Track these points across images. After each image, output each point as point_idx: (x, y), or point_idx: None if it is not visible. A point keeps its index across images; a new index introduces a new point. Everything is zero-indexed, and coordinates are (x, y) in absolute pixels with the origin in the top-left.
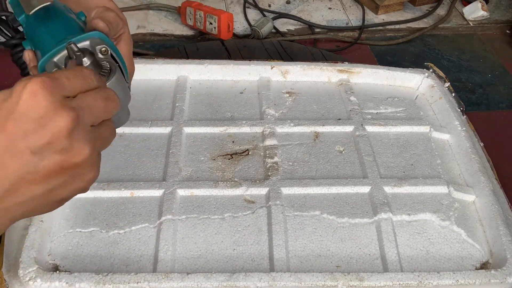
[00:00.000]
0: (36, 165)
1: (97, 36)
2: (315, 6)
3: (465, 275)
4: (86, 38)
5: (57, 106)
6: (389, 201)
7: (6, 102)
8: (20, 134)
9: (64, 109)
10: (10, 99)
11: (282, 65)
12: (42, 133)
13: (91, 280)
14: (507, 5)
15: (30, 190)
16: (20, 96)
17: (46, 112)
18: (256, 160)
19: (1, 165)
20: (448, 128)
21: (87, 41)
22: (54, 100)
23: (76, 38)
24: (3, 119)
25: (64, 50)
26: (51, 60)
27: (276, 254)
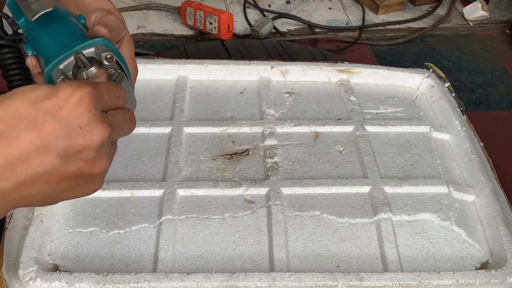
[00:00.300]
0: (57, 168)
1: (102, 42)
2: (315, 6)
3: (465, 275)
4: (91, 45)
5: (97, 120)
6: (389, 201)
7: (47, 101)
8: (54, 136)
9: (102, 124)
10: (53, 100)
11: (282, 65)
12: (76, 141)
13: (91, 280)
14: (507, 5)
15: (41, 188)
16: (65, 102)
17: (87, 123)
18: (256, 160)
19: (24, 159)
20: (448, 128)
21: (92, 48)
22: (96, 113)
23: (81, 46)
24: (40, 117)
25: (70, 58)
26: (57, 68)
27: (276, 254)
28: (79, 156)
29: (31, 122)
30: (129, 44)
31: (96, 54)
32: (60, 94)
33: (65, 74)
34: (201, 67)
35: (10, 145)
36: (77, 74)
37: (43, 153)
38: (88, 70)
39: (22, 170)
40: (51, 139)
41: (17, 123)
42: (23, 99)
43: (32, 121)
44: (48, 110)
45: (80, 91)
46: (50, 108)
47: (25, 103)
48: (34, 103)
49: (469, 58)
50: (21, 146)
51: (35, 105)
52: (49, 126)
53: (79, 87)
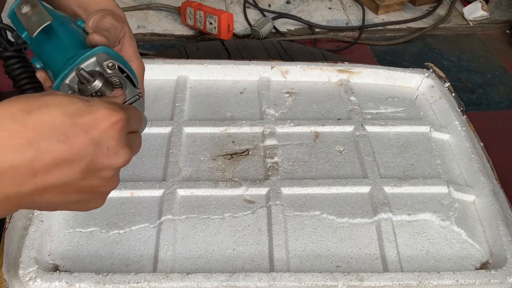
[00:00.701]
0: (76, 182)
1: (102, 51)
2: (315, 6)
3: (465, 275)
4: (91, 56)
5: (124, 144)
6: (389, 201)
7: (83, 117)
8: (83, 152)
9: (128, 149)
10: (89, 118)
11: (282, 65)
12: (101, 160)
13: (91, 280)
14: (507, 5)
15: (54, 196)
16: (100, 123)
17: (115, 145)
18: (256, 160)
19: (48, 169)
20: (448, 128)
21: (94, 58)
22: (124, 138)
23: (81, 59)
24: (73, 132)
25: (74, 72)
26: (64, 83)
27: (276, 254)
28: (98, 174)
29: (63, 135)
30: (131, 42)
31: (98, 63)
32: (97, 114)
33: (72, 88)
34: (201, 67)
35: (37, 153)
36: (82, 90)
37: (68, 167)
38: (92, 85)
39: (43, 178)
40: (79, 154)
41: (50, 133)
42: (60, 111)
43: (65, 134)
44: (82, 126)
45: (115, 116)
46: (85, 125)
47: (61, 115)
48: (70, 117)
49: (469, 58)
50: (48, 157)
51: (71, 120)
52: (80, 142)
53: (116, 111)
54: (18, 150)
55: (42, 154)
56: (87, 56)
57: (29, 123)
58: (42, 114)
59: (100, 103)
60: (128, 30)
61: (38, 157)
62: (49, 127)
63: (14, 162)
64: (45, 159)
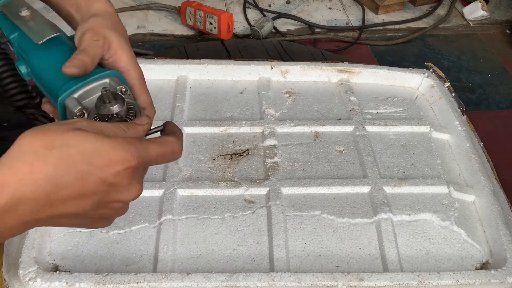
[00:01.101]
0: (87, 212)
1: (114, 74)
2: (315, 6)
3: (465, 275)
4: (105, 76)
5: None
6: (389, 201)
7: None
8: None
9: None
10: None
11: (282, 65)
12: (112, 196)
13: (91, 280)
14: (507, 5)
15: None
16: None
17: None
18: (256, 160)
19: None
20: (448, 128)
21: (107, 79)
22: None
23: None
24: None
25: (85, 88)
26: (72, 97)
27: (276, 254)
28: (109, 205)
29: (80, 173)
30: (123, 50)
31: (110, 86)
32: (113, 156)
33: (80, 103)
34: (201, 67)
35: (55, 188)
36: (100, 108)
37: (81, 200)
38: (112, 107)
39: (57, 208)
40: (92, 191)
41: (68, 171)
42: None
43: (81, 172)
44: (98, 166)
45: (132, 160)
46: (100, 165)
47: (79, 155)
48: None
49: (469, 58)
50: (64, 192)
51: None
52: (94, 181)
53: (132, 155)
54: (37, 184)
55: (59, 189)
56: (100, 76)
57: (50, 159)
58: (63, 153)
59: (119, 143)
60: (116, 36)
61: (55, 191)
62: (67, 165)
63: (33, 194)
64: (61, 193)
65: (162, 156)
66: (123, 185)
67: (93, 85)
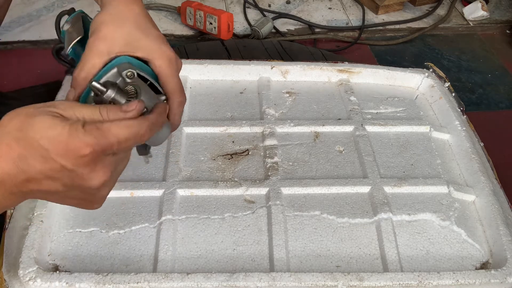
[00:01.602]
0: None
1: (125, 60)
2: (315, 6)
3: (465, 275)
4: (112, 67)
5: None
6: (389, 201)
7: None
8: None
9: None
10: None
11: (282, 65)
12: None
13: (91, 280)
14: (507, 5)
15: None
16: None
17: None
18: (256, 160)
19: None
20: (448, 128)
21: (114, 69)
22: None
23: (103, 71)
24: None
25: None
26: (90, 96)
27: (276, 254)
28: (80, 189)
29: (42, 157)
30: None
31: (118, 73)
32: (69, 144)
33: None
34: (201, 67)
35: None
36: (99, 101)
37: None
38: (105, 95)
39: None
40: (56, 175)
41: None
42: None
43: (43, 156)
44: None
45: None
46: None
47: (43, 139)
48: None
49: (469, 58)
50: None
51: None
52: (55, 166)
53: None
54: (13, 161)
55: (29, 168)
56: (107, 68)
57: (20, 142)
58: (28, 136)
59: (76, 131)
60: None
61: (26, 170)
62: (33, 148)
63: (12, 171)
64: (31, 172)
65: (126, 140)
66: (84, 173)
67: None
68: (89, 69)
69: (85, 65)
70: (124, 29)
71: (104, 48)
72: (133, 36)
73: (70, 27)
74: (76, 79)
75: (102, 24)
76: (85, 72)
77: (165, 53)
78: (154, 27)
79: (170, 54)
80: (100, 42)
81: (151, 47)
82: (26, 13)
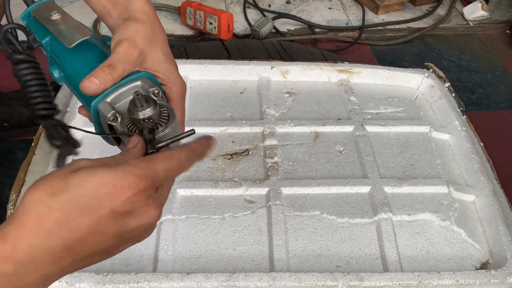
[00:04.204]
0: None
1: (147, 76)
2: (315, 6)
3: (465, 275)
4: (137, 79)
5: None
6: (389, 201)
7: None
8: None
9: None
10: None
11: (282, 65)
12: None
13: (91, 280)
14: (507, 5)
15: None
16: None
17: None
18: (256, 160)
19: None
20: (448, 128)
21: (138, 82)
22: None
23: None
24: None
25: (117, 91)
26: (105, 101)
27: (276, 254)
28: (131, 233)
29: (88, 210)
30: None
31: (142, 89)
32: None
33: (114, 107)
34: (201, 67)
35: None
36: (133, 112)
37: (99, 236)
38: (145, 111)
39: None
40: (107, 224)
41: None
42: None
43: (89, 208)
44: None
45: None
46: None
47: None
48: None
49: (469, 58)
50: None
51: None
52: (105, 213)
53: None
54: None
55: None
56: (132, 78)
57: (55, 205)
58: (66, 196)
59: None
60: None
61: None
62: (73, 206)
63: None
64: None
65: (167, 170)
66: (138, 210)
67: (126, 88)
68: (121, 72)
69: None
70: (154, 47)
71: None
72: (159, 57)
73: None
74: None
75: (138, 35)
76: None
77: (181, 82)
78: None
79: (184, 84)
80: (135, 51)
81: (171, 72)
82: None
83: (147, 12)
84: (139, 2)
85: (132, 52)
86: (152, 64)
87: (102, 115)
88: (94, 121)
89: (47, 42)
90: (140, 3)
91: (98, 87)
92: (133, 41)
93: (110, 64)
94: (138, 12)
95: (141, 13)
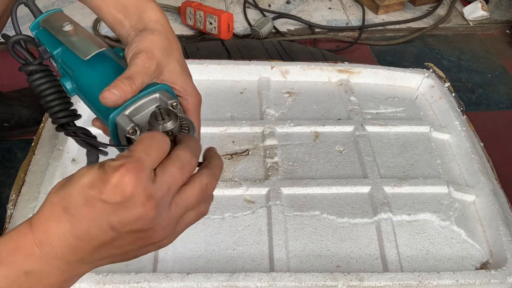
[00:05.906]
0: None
1: (164, 88)
2: (315, 6)
3: (465, 275)
4: (155, 91)
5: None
6: (389, 201)
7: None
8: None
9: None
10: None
11: (282, 65)
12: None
13: (91, 280)
14: (507, 5)
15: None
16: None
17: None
18: (256, 160)
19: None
20: (448, 128)
21: (156, 94)
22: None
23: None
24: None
25: (136, 104)
26: (123, 113)
27: (276, 254)
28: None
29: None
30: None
31: (161, 101)
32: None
33: (132, 120)
34: (201, 67)
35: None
36: (154, 125)
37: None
38: (165, 124)
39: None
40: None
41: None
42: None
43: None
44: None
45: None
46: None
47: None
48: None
49: (469, 58)
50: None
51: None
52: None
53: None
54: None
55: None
56: (150, 91)
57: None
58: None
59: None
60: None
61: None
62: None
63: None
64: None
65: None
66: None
67: (144, 101)
68: (139, 84)
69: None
70: (171, 58)
71: (155, 72)
72: (176, 68)
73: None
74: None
75: (154, 46)
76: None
77: (197, 93)
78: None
79: (199, 95)
80: (153, 63)
81: (187, 83)
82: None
83: (161, 22)
84: (153, 12)
85: (150, 64)
86: (169, 76)
87: (121, 128)
88: (112, 135)
89: (59, 53)
90: (154, 13)
91: (119, 98)
92: (150, 53)
93: (129, 76)
94: (153, 22)
95: (156, 23)
